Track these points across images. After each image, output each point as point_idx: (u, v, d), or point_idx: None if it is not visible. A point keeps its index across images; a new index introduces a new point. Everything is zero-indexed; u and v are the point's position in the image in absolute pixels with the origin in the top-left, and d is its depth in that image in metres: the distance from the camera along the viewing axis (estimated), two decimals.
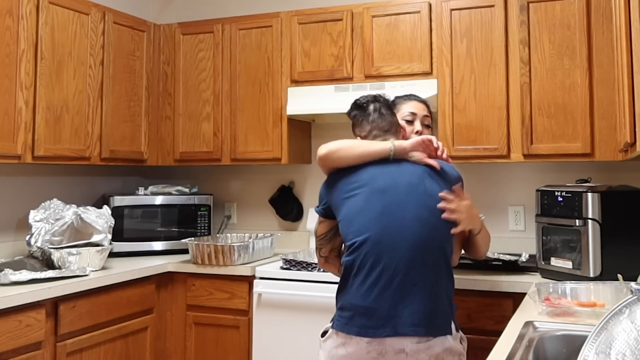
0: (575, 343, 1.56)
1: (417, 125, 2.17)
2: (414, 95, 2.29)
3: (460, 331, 1.84)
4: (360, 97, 2.06)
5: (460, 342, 1.81)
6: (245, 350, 2.91)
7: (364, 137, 2.01)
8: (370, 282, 1.74)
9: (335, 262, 2.06)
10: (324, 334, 1.86)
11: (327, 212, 1.96)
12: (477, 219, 1.92)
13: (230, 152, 3.36)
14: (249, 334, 2.91)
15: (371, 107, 2.02)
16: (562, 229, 2.50)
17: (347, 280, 1.81)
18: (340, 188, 1.89)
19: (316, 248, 2.07)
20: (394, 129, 2.02)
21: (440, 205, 1.80)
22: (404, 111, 2.18)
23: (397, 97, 2.28)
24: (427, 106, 2.27)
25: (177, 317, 3.08)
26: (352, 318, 1.75)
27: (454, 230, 1.81)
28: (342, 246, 2.03)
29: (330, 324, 1.84)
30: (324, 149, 1.92)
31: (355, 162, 1.88)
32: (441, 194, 1.81)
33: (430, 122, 2.24)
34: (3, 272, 2.36)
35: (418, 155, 1.89)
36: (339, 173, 1.92)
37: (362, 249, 1.77)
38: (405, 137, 2.06)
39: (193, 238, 3.23)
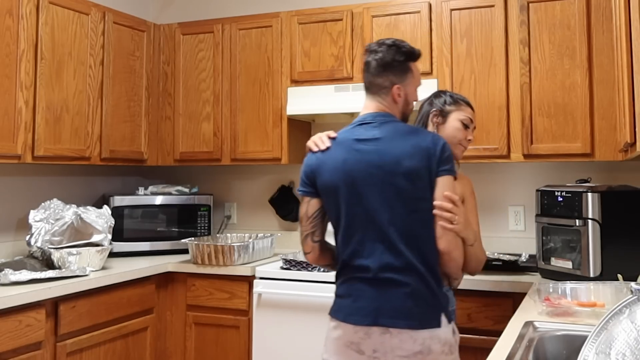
0: (575, 343, 1.56)
1: (470, 134, 2.09)
2: (469, 102, 2.15)
3: (453, 323, 1.79)
4: (374, 44, 1.90)
5: (453, 334, 1.77)
6: (245, 350, 2.91)
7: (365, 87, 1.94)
8: (354, 274, 1.77)
9: (328, 248, 1.92)
10: None
11: (316, 191, 1.86)
12: (471, 228, 1.87)
13: (230, 152, 3.36)
14: (249, 334, 2.91)
15: (369, 59, 1.88)
16: (562, 229, 2.50)
17: (338, 270, 1.85)
18: (326, 171, 1.82)
19: (306, 235, 1.89)
20: (375, 90, 1.87)
21: (437, 212, 1.73)
22: (464, 114, 2.07)
23: (456, 97, 2.13)
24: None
25: (177, 317, 3.08)
26: (341, 305, 1.80)
27: (442, 225, 1.72)
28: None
29: None
30: None
31: None
32: (436, 203, 1.73)
33: (472, 135, 2.14)
34: (3, 272, 2.36)
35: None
36: (324, 154, 1.85)
37: (350, 243, 1.78)
38: (397, 96, 1.87)
39: (193, 238, 3.23)
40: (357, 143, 1.81)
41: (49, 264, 2.68)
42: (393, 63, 1.85)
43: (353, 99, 2.99)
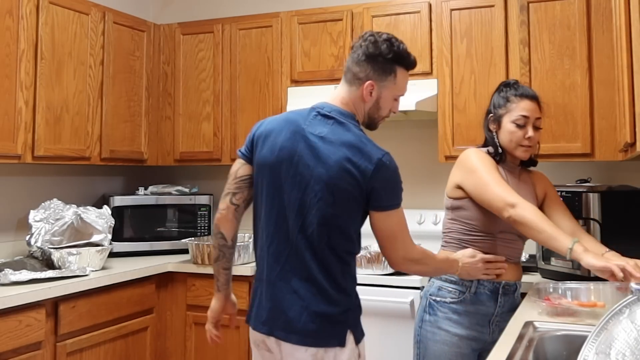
0: (575, 343, 1.55)
1: (529, 131, 1.99)
2: (528, 92, 2.04)
3: (359, 346, 1.66)
4: (370, 32, 1.75)
5: (358, 358, 1.66)
6: (245, 350, 2.91)
7: None
8: (260, 273, 1.73)
9: (239, 220, 1.81)
10: None
11: (252, 159, 1.78)
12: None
13: (230, 152, 3.36)
14: (249, 333, 2.90)
15: (358, 43, 1.73)
16: None
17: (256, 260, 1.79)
18: (265, 146, 1.71)
19: (227, 194, 1.78)
20: (349, 77, 1.72)
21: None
22: (515, 113, 1.99)
23: (505, 88, 2.05)
24: (539, 102, 2.04)
25: (177, 317, 3.08)
26: (251, 303, 1.77)
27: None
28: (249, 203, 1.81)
29: None
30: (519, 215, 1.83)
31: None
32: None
33: (541, 124, 2.05)
34: (3, 272, 2.36)
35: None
36: (274, 124, 1.74)
37: (261, 232, 1.72)
38: (368, 94, 1.70)
39: (193, 238, 3.23)
40: (303, 133, 1.66)
41: (49, 264, 2.68)
42: (377, 57, 1.69)
43: None
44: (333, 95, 1.76)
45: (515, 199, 1.86)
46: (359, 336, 1.66)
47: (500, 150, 2.05)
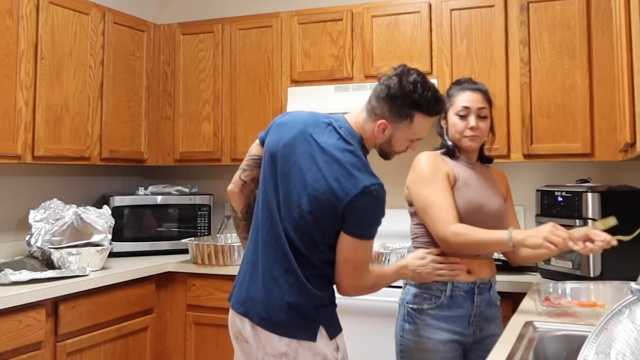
0: (575, 343, 1.55)
1: (472, 121, 1.98)
2: (469, 83, 2.05)
3: (336, 340, 1.72)
4: (405, 67, 1.76)
5: (336, 351, 1.70)
6: None
7: None
8: (249, 256, 1.78)
9: (248, 196, 1.90)
10: None
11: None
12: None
13: (230, 152, 3.36)
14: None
15: (386, 80, 1.73)
16: None
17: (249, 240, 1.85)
18: (275, 136, 1.77)
19: (240, 168, 1.90)
20: (368, 107, 1.75)
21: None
22: (457, 105, 2.00)
23: (453, 85, 2.08)
24: (484, 93, 2.04)
25: (177, 317, 3.08)
26: (234, 285, 1.82)
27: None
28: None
29: None
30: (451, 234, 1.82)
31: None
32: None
33: (488, 114, 2.03)
34: (3, 272, 2.36)
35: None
36: (291, 119, 1.80)
37: (256, 219, 1.78)
38: (380, 131, 1.73)
39: (193, 238, 3.23)
40: (308, 137, 1.72)
41: (49, 264, 2.68)
42: (397, 100, 1.69)
43: (353, 99, 2.99)
44: (352, 112, 1.81)
45: (444, 231, 1.84)
46: (333, 331, 1.70)
47: (450, 146, 2.04)
